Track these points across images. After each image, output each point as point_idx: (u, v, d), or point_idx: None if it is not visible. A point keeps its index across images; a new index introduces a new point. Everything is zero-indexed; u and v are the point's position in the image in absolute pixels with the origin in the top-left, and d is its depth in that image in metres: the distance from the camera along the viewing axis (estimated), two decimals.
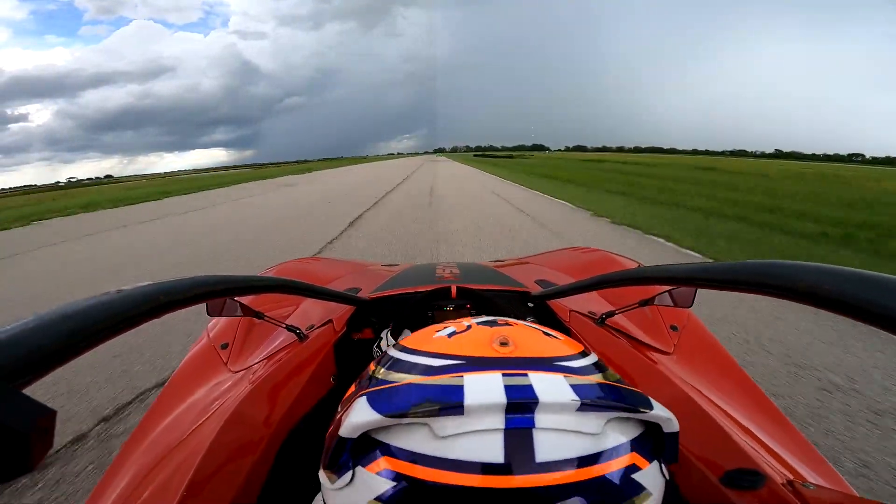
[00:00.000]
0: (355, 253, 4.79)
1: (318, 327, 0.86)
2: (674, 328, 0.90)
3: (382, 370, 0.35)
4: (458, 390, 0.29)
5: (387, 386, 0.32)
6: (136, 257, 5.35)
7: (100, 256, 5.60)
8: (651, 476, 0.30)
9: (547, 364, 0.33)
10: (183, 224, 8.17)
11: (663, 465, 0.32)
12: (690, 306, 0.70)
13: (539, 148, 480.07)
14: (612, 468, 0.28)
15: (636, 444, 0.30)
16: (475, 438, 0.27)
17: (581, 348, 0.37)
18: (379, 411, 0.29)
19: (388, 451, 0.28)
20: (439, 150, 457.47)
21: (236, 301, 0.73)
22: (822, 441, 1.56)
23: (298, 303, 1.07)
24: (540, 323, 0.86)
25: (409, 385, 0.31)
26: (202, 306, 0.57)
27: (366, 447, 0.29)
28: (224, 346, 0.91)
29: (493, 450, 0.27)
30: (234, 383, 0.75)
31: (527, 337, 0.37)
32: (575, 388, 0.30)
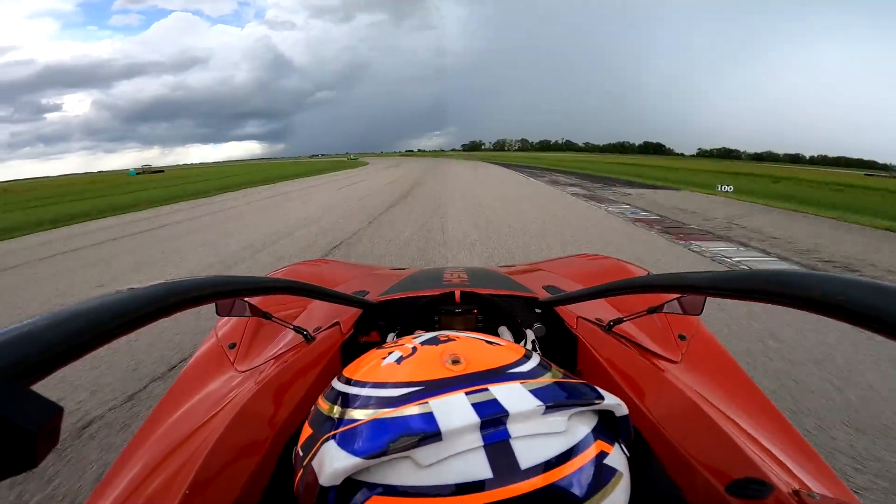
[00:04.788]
0: None
1: (325, 329, 0.86)
2: (682, 337, 0.89)
3: (337, 408, 0.35)
4: (429, 417, 0.29)
5: (353, 425, 0.32)
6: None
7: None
8: (618, 458, 0.33)
9: (501, 375, 0.35)
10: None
11: (623, 446, 0.34)
12: (700, 314, 0.70)
13: (657, 150, 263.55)
14: (587, 459, 0.30)
15: (598, 433, 0.33)
16: (459, 460, 0.28)
17: (524, 352, 0.39)
18: (356, 454, 0.28)
19: (377, 490, 0.28)
20: (474, 147, 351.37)
21: (245, 301, 0.74)
22: None
23: (306, 304, 1.08)
24: (547, 329, 0.87)
25: (377, 421, 0.31)
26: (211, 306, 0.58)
27: (351, 491, 0.29)
28: (232, 346, 0.92)
29: (479, 467, 0.28)
30: (241, 383, 0.75)
31: (474, 350, 0.38)
32: (534, 392, 0.32)
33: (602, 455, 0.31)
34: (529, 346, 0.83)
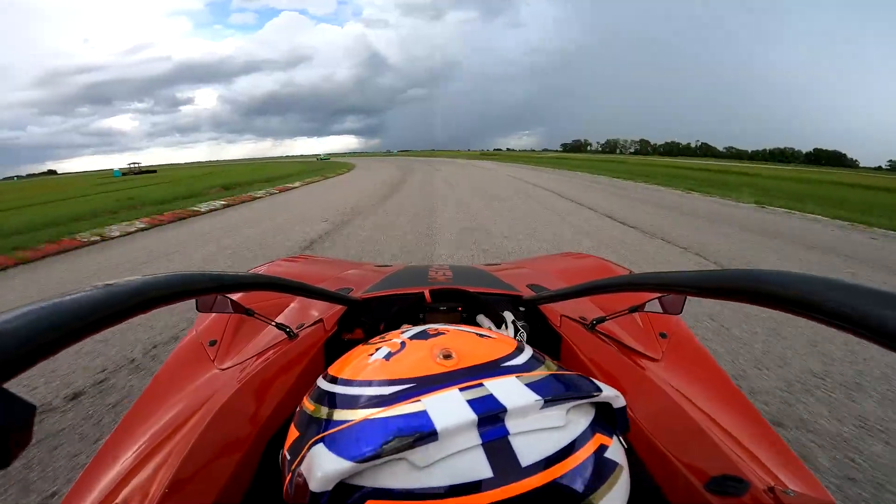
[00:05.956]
0: None
1: (308, 326, 0.85)
2: (663, 335, 0.91)
3: (324, 409, 0.33)
4: (423, 416, 0.28)
5: (343, 427, 0.30)
6: None
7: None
8: (617, 450, 0.32)
9: (495, 369, 0.34)
10: None
11: (620, 438, 0.34)
12: (679, 313, 0.71)
13: (832, 160, 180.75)
14: (588, 452, 0.30)
15: (596, 425, 0.32)
16: (457, 460, 0.27)
17: (516, 344, 0.38)
18: (348, 457, 0.27)
19: (371, 494, 0.27)
20: (577, 148, 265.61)
21: (227, 298, 0.72)
22: None
23: (289, 301, 1.06)
24: (531, 327, 0.87)
25: (369, 421, 0.29)
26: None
27: (344, 495, 0.27)
28: (212, 343, 0.90)
29: (479, 466, 0.27)
30: (222, 381, 0.74)
31: (465, 343, 0.37)
32: (530, 386, 0.31)
33: (602, 448, 0.31)
34: (511, 331, 0.83)
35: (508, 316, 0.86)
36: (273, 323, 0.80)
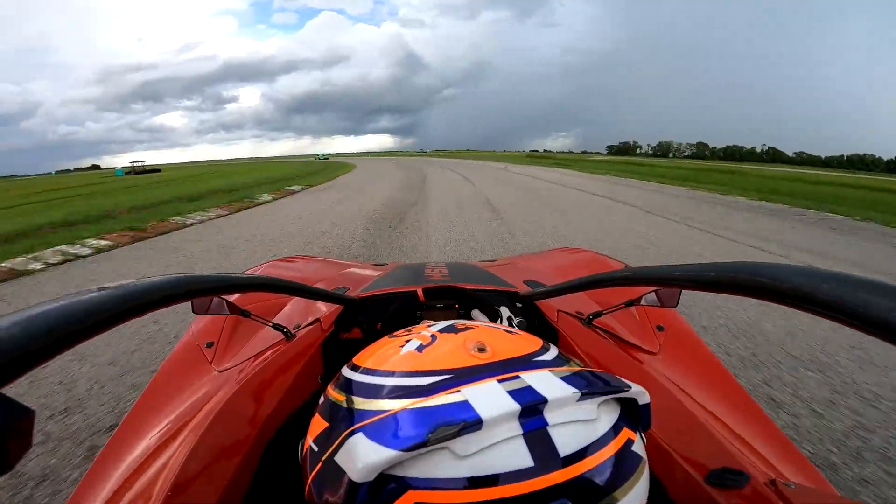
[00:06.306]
0: None
1: (305, 326, 0.85)
2: (660, 328, 0.92)
3: (358, 399, 0.34)
4: (466, 406, 0.28)
5: (382, 416, 0.30)
6: None
7: None
8: (640, 445, 0.33)
9: (528, 363, 0.34)
10: None
11: (642, 434, 0.34)
12: (676, 306, 0.72)
13: None
14: (618, 446, 0.30)
15: (622, 421, 0.32)
16: (499, 450, 0.27)
17: (542, 342, 0.39)
18: (392, 446, 0.27)
19: (413, 484, 0.27)
20: (623, 151, 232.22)
21: (223, 299, 0.72)
22: None
23: (285, 302, 1.05)
24: (528, 323, 0.88)
25: (410, 410, 0.30)
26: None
27: (382, 485, 0.27)
28: (209, 345, 0.90)
29: (520, 456, 0.27)
30: (220, 382, 0.73)
31: (497, 338, 0.37)
32: (565, 380, 0.31)
33: (629, 442, 0.31)
34: (506, 323, 0.84)
35: (504, 311, 0.86)
36: (270, 324, 0.80)
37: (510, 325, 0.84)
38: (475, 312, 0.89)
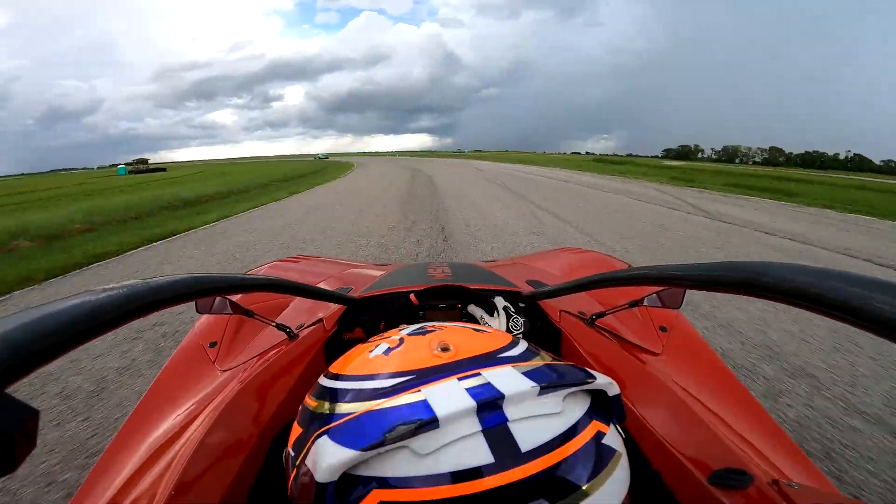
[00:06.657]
0: None
1: (308, 326, 0.85)
2: (663, 329, 0.91)
3: (327, 404, 0.34)
4: (424, 405, 0.29)
5: (346, 419, 0.31)
6: None
7: None
8: (614, 437, 0.32)
9: (492, 359, 0.35)
10: None
11: (617, 426, 0.34)
12: (679, 307, 0.71)
13: None
14: (585, 439, 0.30)
15: (592, 413, 0.32)
16: (458, 447, 0.28)
17: (511, 337, 0.39)
18: (352, 447, 0.28)
19: (376, 483, 0.28)
20: (683, 155, 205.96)
21: (226, 299, 0.72)
22: None
23: (288, 301, 1.06)
24: (531, 323, 0.88)
25: (371, 412, 0.30)
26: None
27: (349, 486, 0.28)
28: (212, 345, 0.90)
29: (480, 452, 0.27)
30: (223, 382, 0.74)
31: (462, 337, 0.38)
32: (526, 374, 0.32)
33: (599, 435, 0.31)
34: (503, 317, 0.85)
35: (500, 302, 0.86)
36: (273, 324, 0.80)
37: (507, 314, 0.84)
38: (472, 307, 0.89)
